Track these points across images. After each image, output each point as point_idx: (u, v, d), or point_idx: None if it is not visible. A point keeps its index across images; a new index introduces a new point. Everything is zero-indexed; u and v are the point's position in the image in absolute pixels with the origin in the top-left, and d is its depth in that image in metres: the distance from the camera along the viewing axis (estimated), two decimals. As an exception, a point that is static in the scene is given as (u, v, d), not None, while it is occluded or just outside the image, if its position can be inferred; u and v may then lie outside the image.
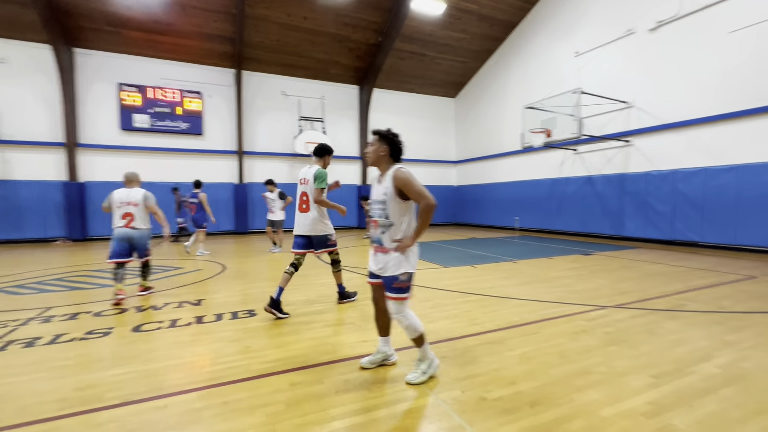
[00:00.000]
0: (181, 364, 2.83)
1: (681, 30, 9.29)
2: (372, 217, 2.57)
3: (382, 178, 2.51)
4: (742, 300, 4.48)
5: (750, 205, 8.02)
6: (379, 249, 2.51)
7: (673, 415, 2.09)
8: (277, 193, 9.20)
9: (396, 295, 2.42)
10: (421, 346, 2.51)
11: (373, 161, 2.55)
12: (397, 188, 2.40)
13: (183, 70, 13.40)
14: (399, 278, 2.40)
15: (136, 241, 4.75)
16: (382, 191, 2.47)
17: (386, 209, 2.44)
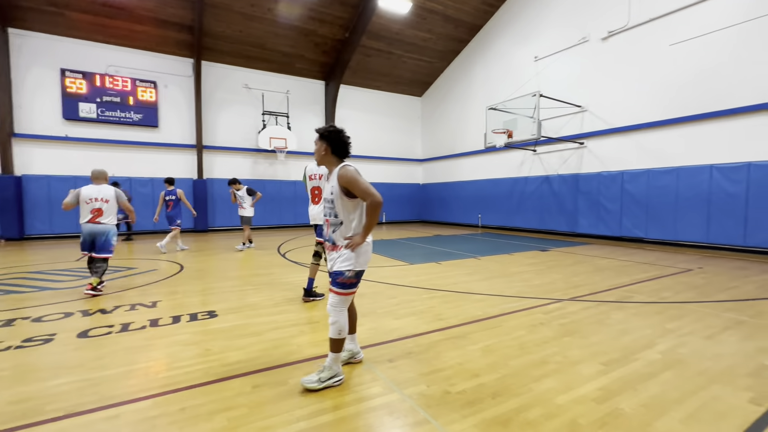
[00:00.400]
0: (133, 370, 2.66)
1: (629, 40, 9.95)
2: (325, 216, 2.55)
3: (330, 176, 2.51)
4: (680, 291, 4.90)
5: (687, 204, 8.77)
6: (332, 248, 2.50)
7: (620, 399, 2.24)
8: (245, 189, 9.13)
9: (338, 289, 2.41)
10: (335, 352, 2.43)
11: (319, 161, 2.56)
12: (342, 187, 2.38)
13: (135, 58, 12.55)
14: (344, 274, 2.38)
15: (98, 236, 4.78)
16: (330, 190, 2.46)
17: (334, 208, 2.44)
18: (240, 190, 9.08)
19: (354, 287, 2.45)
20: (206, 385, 2.44)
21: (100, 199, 4.78)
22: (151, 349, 3.06)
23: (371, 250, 2.54)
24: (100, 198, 4.78)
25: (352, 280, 2.41)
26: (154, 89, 12.70)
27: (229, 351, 2.99)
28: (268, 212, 14.71)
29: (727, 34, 8.11)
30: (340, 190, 2.39)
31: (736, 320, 3.71)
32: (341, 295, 2.41)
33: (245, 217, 9.08)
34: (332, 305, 2.42)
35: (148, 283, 5.46)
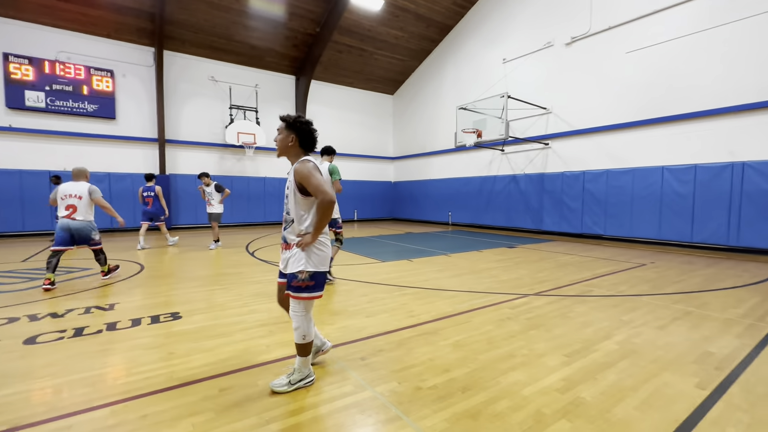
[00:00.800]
0: (88, 377, 2.50)
1: (591, 47, 10.44)
2: (287, 211, 2.42)
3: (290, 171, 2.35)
4: (635, 285, 5.21)
5: (642, 203, 9.34)
6: (284, 246, 2.37)
7: (582, 388, 2.36)
8: (213, 185, 8.81)
9: (295, 293, 2.26)
10: (303, 356, 2.33)
11: (281, 151, 2.35)
12: (297, 182, 2.24)
13: (90, 44, 11.74)
14: (297, 276, 2.23)
15: (76, 231, 4.99)
16: (287, 185, 2.35)
17: (288, 204, 2.32)
18: (209, 186, 8.76)
19: (314, 291, 2.27)
20: (170, 390, 2.33)
21: (73, 195, 4.97)
22: (108, 354, 2.88)
23: (329, 252, 2.38)
24: (73, 194, 4.97)
25: (309, 283, 2.24)
26: (110, 78, 11.95)
27: (195, 354, 2.87)
28: (236, 209, 14.27)
29: (678, 44, 8.69)
30: (295, 186, 2.26)
31: (684, 311, 3.99)
32: (300, 300, 2.27)
33: (213, 214, 8.76)
34: (293, 310, 2.31)
35: (104, 284, 5.15)
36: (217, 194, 8.76)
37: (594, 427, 1.96)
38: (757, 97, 7.62)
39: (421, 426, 1.97)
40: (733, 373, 2.57)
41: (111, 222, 11.58)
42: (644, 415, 2.07)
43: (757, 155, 7.66)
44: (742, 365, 2.69)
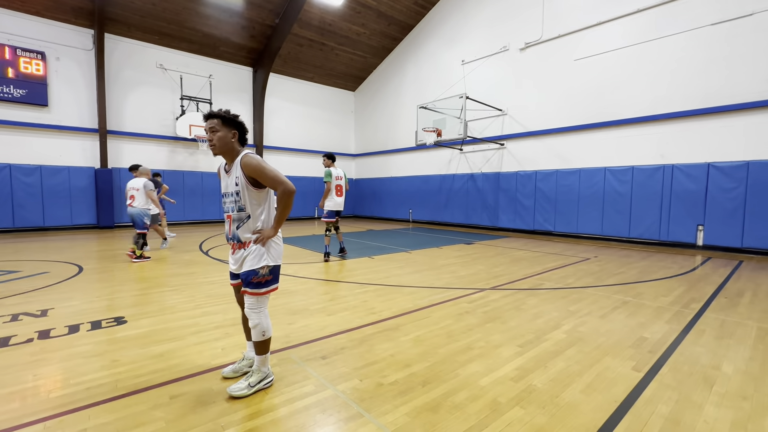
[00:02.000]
0: (16, 391, 2.26)
1: (543, 53, 11.01)
2: (226, 212, 2.33)
3: (230, 167, 2.28)
4: (581, 277, 5.59)
5: (586, 201, 10.04)
6: (236, 246, 2.30)
7: (533, 376, 2.49)
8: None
9: (254, 290, 2.22)
10: (262, 354, 2.29)
11: (222, 149, 2.24)
12: (248, 176, 2.19)
13: (16, 22, 10.54)
14: (258, 272, 2.21)
15: (131, 216, 6.68)
16: (233, 182, 2.24)
17: (239, 201, 2.23)
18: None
19: (272, 285, 2.28)
20: (114, 400, 2.16)
21: (134, 188, 6.69)
22: (40, 364, 2.62)
23: (282, 243, 2.39)
24: (134, 188, 6.69)
25: (268, 278, 2.24)
26: (42, 61, 10.82)
27: (142, 360, 2.69)
28: (189, 206, 13.53)
29: (617, 55, 9.41)
30: (246, 181, 2.19)
31: (623, 301, 4.35)
32: (258, 296, 2.24)
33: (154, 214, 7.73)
34: (250, 308, 2.25)
35: (35, 288, 4.67)
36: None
37: (544, 411, 2.09)
38: (682, 107, 8.45)
39: (383, 422, 1.99)
40: (664, 355, 2.84)
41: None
42: (589, 398, 2.23)
43: (684, 158, 8.50)
44: (671, 348, 2.98)
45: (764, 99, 7.45)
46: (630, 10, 9.15)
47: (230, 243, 2.34)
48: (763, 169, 7.46)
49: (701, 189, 8.20)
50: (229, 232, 2.33)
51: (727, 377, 2.50)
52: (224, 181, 2.33)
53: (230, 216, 2.29)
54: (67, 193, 11.25)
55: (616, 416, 2.05)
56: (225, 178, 2.32)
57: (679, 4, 8.44)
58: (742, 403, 2.18)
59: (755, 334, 3.30)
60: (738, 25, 7.72)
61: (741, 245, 7.77)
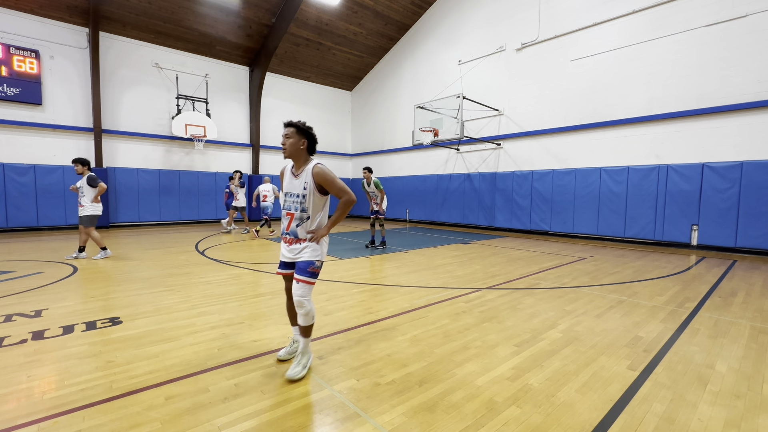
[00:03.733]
0: (10, 393, 2.24)
1: (539, 53, 11.05)
2: (287, 210, 2.56)
3: (299, 171, 2.53)
4: (577, 277, 5.62)
5: (582, 201, 10.09)
6: (293, 241, 2.55)
7: (529, 375, 2.50)
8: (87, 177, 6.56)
9: (307, 278, 2.47)
10: (308, 336, 2.56)
11: (291, 154, 2.51)
12: (318, 183, 2.46)
13: (10, 20, 10.43)
14: (315, 263, 2.49)
15: (264, 208, 10.32)
16: (301, 185, 2.48)
17: (304, 203, 2.48)
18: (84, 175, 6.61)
19: (318, 276, 2.56)
20: (108, 401, 2.15)
21: (267, 191, 10.31)
22: (34, 366, 2.60)
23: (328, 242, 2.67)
24: (267, 190, 10.32)
25: (318, 270, 2.53)
26: (35, 60, 10.72)
27: (138, 361, 2.68)
28: (185, 206, 13.47)
29: (613, 55, 9.46)
30: (314, 187, 2.47)
31: (618, 300, 4.38)
32: (310, 284, 2.49)
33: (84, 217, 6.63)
34: (302, 296, 2.46)
35: (29, 288, 4.63)
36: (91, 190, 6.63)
37: (540, 410, 2.10)
38: (677, 107, 8.51)
39: (380, 421, 1.99)
40: (659, 354, 2.86)
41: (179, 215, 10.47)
42: (584, 397, 2.24)
43: (678, 159, 8.56)
44: (665, 347, 3.00)
45: (758, 100, 7.52)
46: (625, 11, 9.21)
47: (285, 237, 2.60)
48: (756, 169, 7.53)
49: (696, 189, 8.26)
50: (287, 227, 2.57)
51: (721, 376, 2.52)
52: (289, 182, 2.56)
53: (291, 214, 2.54)
54: (61, 192, 11.16)
55: (612, 415, 2.06)
56: (291, 180, 2.55)
57: (674, 6, 8.50)
58: (735, 402, 2.20)
59: (748, 333, 3.33)
60: (732, 26, 7.78)
61: (735, 245, 7.84)
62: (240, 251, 7.78)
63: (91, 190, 6.61)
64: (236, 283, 5.02)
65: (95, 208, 6.65)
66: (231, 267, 6.08)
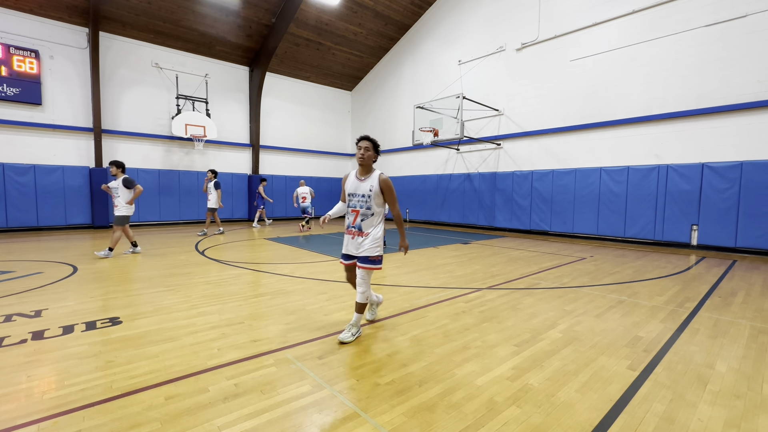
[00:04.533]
0: (10, 393, 2.24)
1: (538, 53, 11.05)
2: (352, 207, 3.13)
3: (366, 177, 3.10)
4: (577, 277, 5.62)
5: (582, 201, 10.09)
6: (357, 233, 3.11)
7: (529, 375, 2.50)
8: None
9: (371, 265, 3.09)
10: (361, 313, 3.13)
11: (366, 163, 3.09)
12: (382, 189, 3.05)
13: (10, 20, 10.43)
14: (377, 253, 3.09)
15: (303, 208, 11.63)
16: (368, 188, 3.07)
17: (369, 202, 3.07)
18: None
19: (380, 264, 3.14)
20: (108, 401, 2.15)
21: (304, 192, 11.68)
22: (34, 366, 2.60)
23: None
24: (304, 192, 11.69)
25: (380, 258, 3.12)
26: (35, 60, 10.72)
27: (137, 361, 2.68)
28: (185, 206, 13.47)
29: (613, 55, 9.46)
30: (378, 191, 3.05)
31: (618, 300, 4.38)
32: (371, 270, 3.11)
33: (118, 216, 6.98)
34: (363, 278, 3.09)
35: (29, 288, 4.63)
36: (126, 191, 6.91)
37: (540, 410, 2.10)
38: (676, 107, 8.51)
39: (379, 421, 1.98)
40: (659, 354, 2.86)
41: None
42: (584, 397, 2.24)
43: (678, 159, 8.56)
44: (665, 347, 3.00)
45: (757, 100, 7.52)
46: (625, 11, 9.21)
47: (350, 231, 3.17)
48: (756, 169, 7.53)
49: (695, 189, 8.26)
50: (353, 222, 3.15)
51: (721, 376, 2.52)
52: (354, 184, 3.13)
53: (357, 211, 3.11)
54: (61, 192, 11.16)
55: (612, 415, 2.06)
56: (357, 183, 3.13)
57: (673, 6, 8.50)
58: (735, 402, 2.20)
59: (748, 333, 3.33)
60: (731, 26, 7.79)
61: (734, 245, 7.84)
62: (240, 251, 7.77)
63: (126, 191, 6.84)
64: (236, 283, 5.02)
65: (128, 209, 6.93)
66: (231, 267, 6.08)
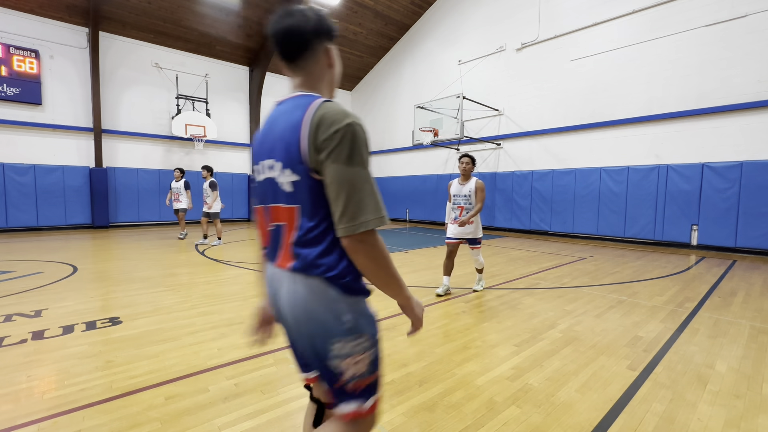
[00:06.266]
0: (10, 392, 2.24)
1: (538, 53, 11.05)
2: (457, 204, 4.54)
3: (465, 182, 4.52)
4: (577, 277, 5.62)
5: (582, 201, 10.09)
6: (463, 223, 4.36)
7: (529, 375, 2.50)
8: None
9: (478, 246, 4.62)
10: (481, 273, 4.76)
11: (466, 173, 4.49)
12: (477, 190, 4.41)
13: (10, 19, 10.43)
14: (481, 236, 4.62)
15: None
16: (468, 190, 4.48)
17: (469, 199, 4.46)
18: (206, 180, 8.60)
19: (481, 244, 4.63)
20: (108, 401, 2.15)
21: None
22: (34, 365, 2.60)
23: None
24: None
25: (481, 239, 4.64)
26: (35, 59, 10.72)
27: (138, 361, 2.68)
28: (184, 206, 13.44)
29: (613, 55, 9.46)
30: (475, 192, 4.43)
31: (618, 300, 4.38)
32: (480, 248, 4.64)
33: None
34: (476, 255, 4.64)
35: (29, 288, 4.64)
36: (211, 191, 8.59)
37: (540, 410, 2.10)
38: (676, 107, 8.51)
39: (380, 421, 1.98)
40: (659, 354, 2.86)
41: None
42: (584, 397, 2.24)
43: (678, 159, 8.56)
44: (665, 347, 3.00)
45: (758, 100, 7.52)
46: (625, 11, 9.21)
47: (455, 221, 4.53)
48: (756, 169, 7.53)
49: (695, 189, 8.26)
50: (459, 215, 4.52)
51: (721, 376, 2.52)
52: (458, 188, 4.56)
53: (462, 207, 4.52)
54: (61, 192, 11.16)
55: (611, 415, 2.06)
56: (459, 187, 4.55)
57: (674, 6, 8.50)
58: (735, 402, 2.20)
59: (748, 333, 3.33)
60: (732, 26, 7.78)
61: (734, 245, 7.84)
62: (240, 251, 7.77)
63: (212, 192, 8.55)
64: (236, 283, 5.02)
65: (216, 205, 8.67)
66: (231, 267, 6.08)
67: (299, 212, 1.00)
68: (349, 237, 0.95)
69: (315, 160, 0.94)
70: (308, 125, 0.94)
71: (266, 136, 1.08)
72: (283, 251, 1.06)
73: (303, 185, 0.98)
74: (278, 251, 1.08)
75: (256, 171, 1.13)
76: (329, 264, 0.99)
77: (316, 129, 0.93)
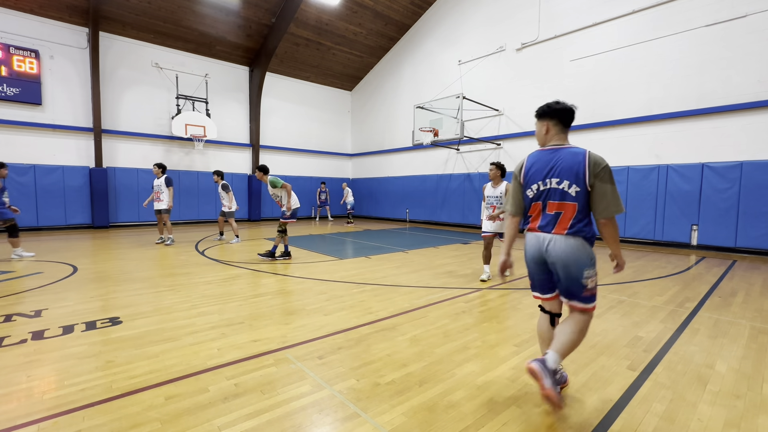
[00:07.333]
0: (10, 393, 2.24)
1: (538, 53, 11.05)
2: (490, 204, 5.28)
3: (497, 185, 5.27)
4: (576, 277, 5.61)
5: (582, 201, 10.08)
6: (496, 218, 5.23)
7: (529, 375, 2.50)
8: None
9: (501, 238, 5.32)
10: None
11: (495, 178, 5.26)
12: (507, 190, 4.93)
13: (10, 20, 10.43)
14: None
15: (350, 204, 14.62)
16: (499, 191, 5.23)
17: (501, 199, 5.15)
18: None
19: None
20: (108, 401, 2.15)
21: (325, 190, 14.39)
22: (34, 366, 2.60)
23: None
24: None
25: None
26: (35, 59, 10.72)
27: (137, 361, 2.68)
28: (185, 206, 13.47)
29: (612, 55, 9.46)
30: (505, 193, 4.98)
31: (618, 300, 4.38)
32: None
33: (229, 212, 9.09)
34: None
35: (28, 288, 4.64)
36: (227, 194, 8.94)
37: (540, 410, 2.10)
38: (676, 107, 8.50)
39: (379, 421, 1.99)
40: (659, 354, 2.86)
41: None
42: (584, 397, 2.24)
43: (678, 159, 8.56)
44: (665, 347, 3.00)
45: (758, 100, 7.52)
46: (625, 11, 9.21)
47: (490, 217, 5.28)
48: (756, 169, 7.53)
49: (695, 189, 8.26)
50: (493, 212, 5.24)
51: (721, 376, 2.52)
52: (490, 190, 5.31)
53: (494, 206, 5.24)
54: (61, 192, 11.16)
55: (612, 415, 2.06)
56: (492, 189, 5.29)
57: (674, 6, 8.50)
58: (735, 402, 2.20)
59: (748, 333, 3.33)
60: (732, 26, 7.78)
61: (734, 245, 7.84)
62: (240, 251, 7.77)
63: (227, 194, 8.94)
64: (236, 283, 5.02)
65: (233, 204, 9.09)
66: (231, 267, 6.08)
67: (577, 207, 2.02)
68: (605, 219, 2.01)
69: (591, 182, 1.98)
70: (588, 163, 1.99)
71: (546, 165, 2.11)
72: (561, 225, 2.06)
73: (582, 194, 2.01)
74: (556, 225, 2.08)
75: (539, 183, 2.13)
76: (586, 231, 2.04)
77: (594, 165, 1.98)
